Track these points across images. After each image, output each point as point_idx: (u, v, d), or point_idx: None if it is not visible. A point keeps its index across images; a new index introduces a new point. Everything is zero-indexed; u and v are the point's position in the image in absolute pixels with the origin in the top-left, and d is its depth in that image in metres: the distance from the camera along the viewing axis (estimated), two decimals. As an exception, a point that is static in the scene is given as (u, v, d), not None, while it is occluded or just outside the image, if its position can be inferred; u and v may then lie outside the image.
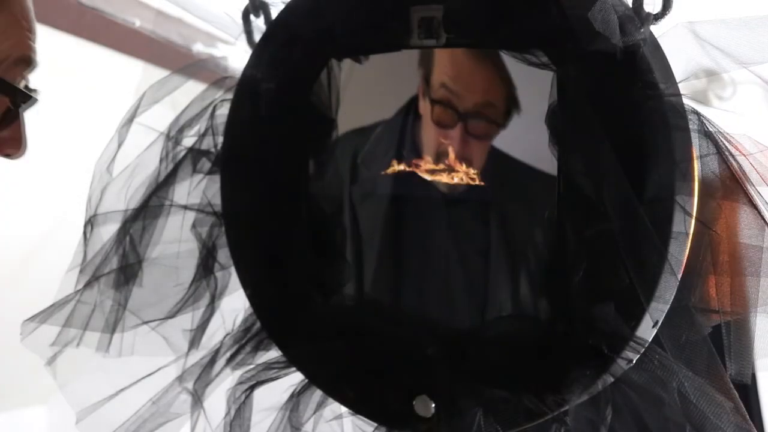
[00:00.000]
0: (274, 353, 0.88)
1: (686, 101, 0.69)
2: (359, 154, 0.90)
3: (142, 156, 0.91)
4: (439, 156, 0.85)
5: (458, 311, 0.90)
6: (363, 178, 0.91)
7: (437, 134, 0.85)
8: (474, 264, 0.89)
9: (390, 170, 0.87)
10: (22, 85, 0.69)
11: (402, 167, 0.86)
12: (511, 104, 0.82)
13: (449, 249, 0.90)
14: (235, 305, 0.90)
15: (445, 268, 0.90)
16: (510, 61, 0.78)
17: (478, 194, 0.85)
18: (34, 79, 0.74)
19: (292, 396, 0.86)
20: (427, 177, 0.86)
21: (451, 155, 0.84)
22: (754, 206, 0.67)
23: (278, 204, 0.87)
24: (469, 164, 0.84)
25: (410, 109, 0.88)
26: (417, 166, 0.86)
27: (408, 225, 0.92)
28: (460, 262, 0.90)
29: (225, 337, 0.90)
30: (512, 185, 0.86)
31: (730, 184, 0.68)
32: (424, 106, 0.87)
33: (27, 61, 0.68)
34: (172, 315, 0.89)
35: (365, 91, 0.89)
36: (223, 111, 0.89)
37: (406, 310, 0.92)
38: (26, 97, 0.69)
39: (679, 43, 0.69)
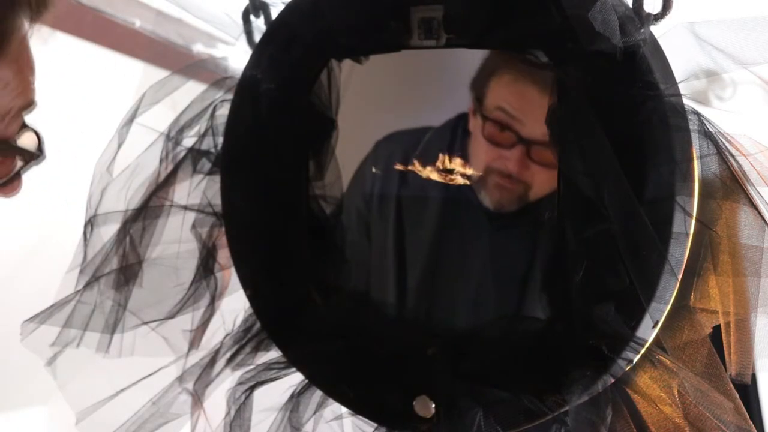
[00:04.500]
0: (274, 353, 0.88)
1: (686, 101, 0.69)
2: (410, 156, 0.89)
3: (142, 156, 0.91)
4: (489, 172, 0.85)
5: (477, 305, 0.90)
6: (412, 181, 0.90)
7: (488, 150, 0.85)
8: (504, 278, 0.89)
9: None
10: (21, 133, 0.69)
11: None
12: None
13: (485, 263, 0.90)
14: (235, 305, 0.90)
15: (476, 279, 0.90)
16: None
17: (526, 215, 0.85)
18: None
19: (292, 396, 0.86)
20: (432, 177, 0.86)
21: (504, 172, 0.83)
22: (754, 206, 0.67)
23: (278, 204, 0.87)
24: (528, 188, 0.84)
25: (459, 124, 0.88)
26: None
27: (445, 233, 0.91)
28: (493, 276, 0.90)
29: (225, 338, 0.90)
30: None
31: (730, 185, 0.68)
32: (475, 124, 0.86)
33: (29, 106, 0.67)
34: (172, 315, 0.89)
35: (365, 91, 0.89)
36: (224, 111, 0.89)
37: (407, 311, 0.92)
38: (35, 156, 0.69)
39: (679, 43, 0.69)
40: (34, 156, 0.68)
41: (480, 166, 0.85)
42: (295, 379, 0.87)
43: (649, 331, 0.69)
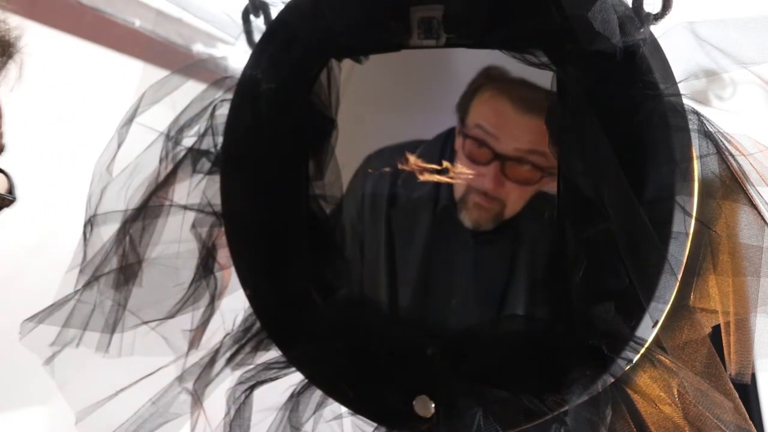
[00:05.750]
0: (273, 353, 0.88)
1: (686, 101, 0.69)
2: (399, 176, 0.90)
3: (142, 156, 0.91)
4: (469, 191, 0.86)
5: (462, 312, 0.90)
6: (401, 200, 0.92)
7: (469, 168, 0.86)
8: (489, 274, 0.89)
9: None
10: None
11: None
12: None
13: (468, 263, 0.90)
14: (235, 305, 0.90)
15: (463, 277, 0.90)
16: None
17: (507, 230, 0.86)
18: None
19: (291, 396, 0.86)
20: (421, 177, 0.87)
21: (481, 189, 0.85)
22: (754, 206, 0.67)
23: (278, 204, 0.87)
24: (503, 205, 0.85)
25: (447, 142, 0.89)
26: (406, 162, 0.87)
27: (433, 245, 0.92)
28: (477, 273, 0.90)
29: (225, 337, 0.90)
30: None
31: (730, 184, 0.68)
32: (459, 143, 0.87)
33: None
34: (171, 315, 0.89)
35: (365, 91, 0.89)
36: (223, 111, 0.89)
37: (406, 311, 0.92)
38: (7, 201, 0.69)
39: (679, 43, 0.69)
40: (6, 201, 0.68)
41: (462, 186, 0.87)
42: (295, 378, 0.87)
43: (648, 331, 0.69)
